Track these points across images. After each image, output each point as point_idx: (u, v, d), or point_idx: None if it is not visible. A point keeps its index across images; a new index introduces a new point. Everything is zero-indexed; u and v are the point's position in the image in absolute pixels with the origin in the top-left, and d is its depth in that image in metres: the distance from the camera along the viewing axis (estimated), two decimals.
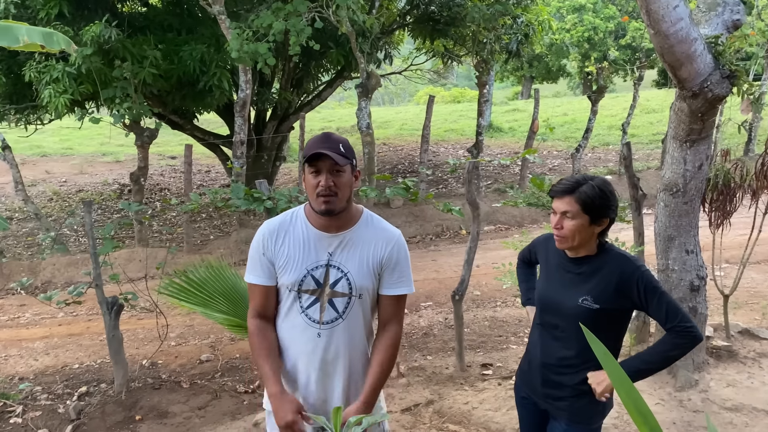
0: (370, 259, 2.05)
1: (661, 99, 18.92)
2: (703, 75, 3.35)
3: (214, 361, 5.00)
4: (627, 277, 2.06)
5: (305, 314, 2.05)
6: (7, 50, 8.25)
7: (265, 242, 2.06)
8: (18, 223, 10.76)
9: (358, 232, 2.06)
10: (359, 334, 2.10)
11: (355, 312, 2.06)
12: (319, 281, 2.02)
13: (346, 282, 2.03)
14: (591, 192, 2.06)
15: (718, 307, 5.11)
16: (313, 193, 1.95)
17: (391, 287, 2.08)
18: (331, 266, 2.03)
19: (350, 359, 2.08)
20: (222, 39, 8.51)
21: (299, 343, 2.07)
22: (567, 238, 2.12)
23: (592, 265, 2.15)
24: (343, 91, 19.43)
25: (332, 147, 1.92)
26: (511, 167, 13.20)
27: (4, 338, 5.92)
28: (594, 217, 2.08)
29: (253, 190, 4.11)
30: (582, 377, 2.15)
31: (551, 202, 2.16)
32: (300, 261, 2.03)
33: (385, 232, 2.10)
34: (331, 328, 2.04)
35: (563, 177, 2.21)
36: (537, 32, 11.48)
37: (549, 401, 2.26)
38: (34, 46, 3.55)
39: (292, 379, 2.10)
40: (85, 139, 17.85)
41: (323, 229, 2.04)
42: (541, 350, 2.27)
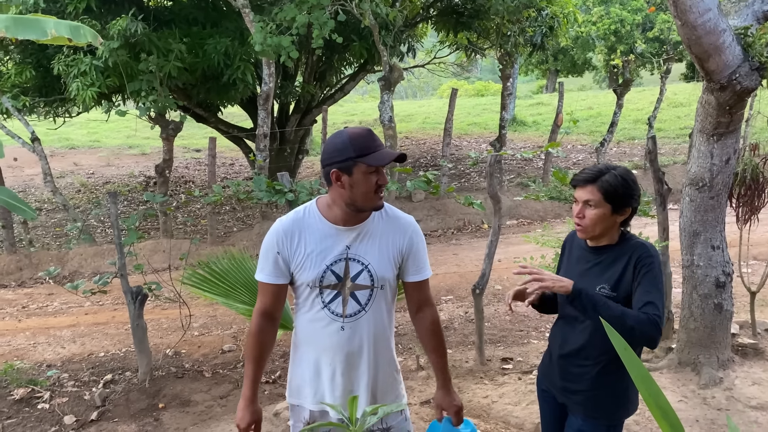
0: (390, 249, 2.06)
1: (688, 93, 18.56)
2: (732, 67, 3.28)
3: (236, 351, 5.06)
4: (637, 261, 2.06)
5: (328, 309, 2.05)
6: (36, 44, 8.41)
7: (280, 241, 2.05)
8: (46, 213, 10.99)
9: (374, 223, 2.06)
10: (382, 324, 2.11)
11: (378, 303, 2.07)
12: (339, 275, 2.02)
13: (368, 274, 2.03)
14: (614, 181, 2.05)
15: (744, 305, 5.02)
16: (371, 191, 1.95)
17: (416, 274, 2.10)
18: (350, 259, 2.03)
19: (374, 350, 2.09)
20: (246, 32, 8.57)
21: (322, 337, 2.08)
22: (588, 228, 2.11)
23: (612, 254, 2.13)
24: (366, 84, 19.42)
25: (382, 143, 1.97)
26: (533, 161, 13.09)
27: (33, 326, 6.06)
28: (616, 206, 2.07)
29: (275, 183, 4.14)
30: (599, 369, 2.14)
31: (574, 192, 2.15)
32: (318, 257, 2.02)
33: (400, 220, 2.11)
34: (355, 320, 2.05)
35: (586, 167, 2.19)
36: (562, 25, 11.34)
37: (566, 395, 2.25)
38: (61, 40, 3.62)
39: (317, 372, 2.11)
40: (111, 132, 18.13)
41: (340, 223, 2.03)
42: (560, 342, 2.26)
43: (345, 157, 1.92)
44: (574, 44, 20.28)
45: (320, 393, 2.11)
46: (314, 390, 2.12)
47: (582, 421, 2.20)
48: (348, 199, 1.97)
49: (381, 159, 1.92)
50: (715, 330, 3.89)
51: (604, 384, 2.14)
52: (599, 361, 2.14)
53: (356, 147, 1.91)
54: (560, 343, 2.26)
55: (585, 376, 2.17)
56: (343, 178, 1.93)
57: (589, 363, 2.16)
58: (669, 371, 3.97)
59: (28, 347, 5.40)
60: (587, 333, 2.14)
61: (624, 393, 2.16)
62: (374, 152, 1.92)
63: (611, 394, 2.14)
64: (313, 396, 2.12)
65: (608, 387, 2.15)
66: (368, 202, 1.98)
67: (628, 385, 2.16)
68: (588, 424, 2.18)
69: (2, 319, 6.45)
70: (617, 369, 2.11)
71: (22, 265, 8.28)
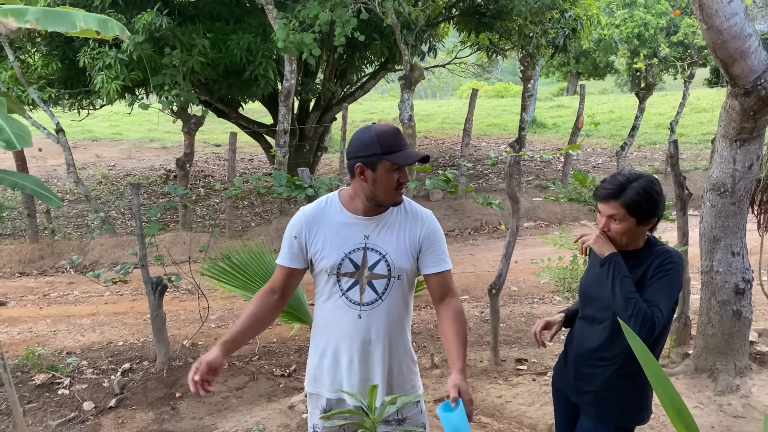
0: (408, 240, 2.11)
1: (712, 98, 18.33)
2: (757, 72, 3.25)
3: (252, 344, 5.11)
4: (658, 265, 2.06)
5: (345, 296, 2.10)
6: (63, 36, 8.55)
7: (301, 228, 2.12)
8: (68, 204, 11.15)
9: (393, 215, 2.12)
10: (399, 314, 2.14)
11: (395, 293, 2.11)
12: (357, 264, 2.08)
13: (385, 264, 2.08)
14: (636, 197, 2.05)
15: (764, 313, 4.97)
16: (392, 187, 2.03)
17: (435, 265, 2.13)
18: (368, 249, 2.08)
19: (390, 339, 2.13)
20: (269, 29, 8.63)
21: (340, 324, 2.13)
22: (615, 241, 2.13)
23: (635, 259, 2.13)
24: (386, 83, 19.45)
25: (407, 143, 2.03)
26: (553, 163, 13.03)
27: (54, 314, 6.17)
28: (641, 219, 2.08)
29: (295, 178, 4.18)
30: (613, 370, 2.14)
31: (596, 202, 2.16)
32: (337, 245, 2.08)
33: (419, 213, 2.16)
34: (371, 309, 2.09)
35: (606, 176, 2.18)
36: (585, 27, 11.27)
37: (579, 394, 2.25)
38: (89, 32, 3.68)
39: (334, 360, 2.15)
40: (133, 125, 18.35)
41: (360, 214, 2.10)
42: (577, 341, 2.27)
43: (370, 153, 1.99)
44: (597, 47, 20.15)
45: (338, 381, 2.15)
46: (332, 378, 2.16)
47: (592, 422, 2.20)
48: (370, 193, 2.04)
49: (406, 158, 1.99)
50: (733, 337, 3.85)
51: (617, 387, 2.14)
52: (614, 362, 2.13)
53: (382, 144, 1.98)
54: (577, 342, 2.26)
55: (598, 377, 2.17)
56: (366, 172, 2.01)
57: (604, 364, 2.15)
58: (685, 377, 3.94)
59: (48, 334, 5.50)
60: (605, 333, 2.14)
61: (637, 399, 2.15)
62: (399, 151, 1.99)
63: (623, 398, 2.14)
64: (331, 384, 2.16)
65: (620, 390, 2.14)
66: (388, 197, 2.05)
67: (642, 392, 2.15)
68: (597, 426, 2.18)
69: (24, 306, 6.57)
70: (631, 373, 2.11)
71: (44, 254, 8.42)
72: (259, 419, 3.73)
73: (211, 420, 3.84)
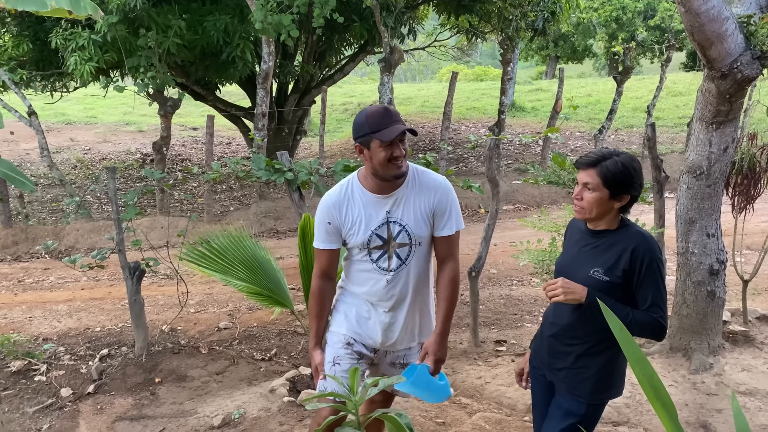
0: (423, 209, 2.34)
1: (688, 82, 18.53)
2: (734, 55, 3.29)
3: (232, 329, 5.09)
4: (637, 255, 2.08)
5: (375, 264, 2.37)
6: (34, 16, 8.34)
7: (331, 213, 2.37)
8: (43, 188, 10.95)
9: (409, 188, 2.34)
10: (421, 274, 2.41)
11: (417, 257, 2.38)
12: (383, 237, 2.34)
13: (406, 234, 2.33)
14: (614, 167, 2.08)
15: (737, 293, 5.07)
16: (385, 161, 2.22)
17: (443, 229, 2.37)
18: (390, 222, 2.33)
19: (414, 295, 2.41)
20: (246, 10, 8.50)
21: (371, 285, 2.41)
22: (585, 209, 2.15)
23: (610, 239, 2.16)
24: (366, 66, 19.32)
25: (399, 119, 2.23)
26: (532, 147, 13.09)
27: (29, 300, 6.07)
28: (614, 192, 2.10)
29: (274, 162, 4.14)
30: (585, 349, 2.18)
31: (576, 174, 2.20)
32: (364, 224, 2.33)
33: (431, 182, 2.38)
34: (398, 273, 2.37)
35: (591, 150, 2.23)
36: (564, 10, 11.28)
37: (553, 371, 2.30)
38: (61, 12, 3.58)
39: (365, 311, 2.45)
40: (108, 108, 18.02)
41: (379, 192, 2.33)
42: (550, 321, 2.32)
43: (363, 133, 2.23)
44: (576, 30, 20.20)
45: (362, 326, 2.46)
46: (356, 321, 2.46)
47: (564, 399, 2.25)
48: (372, 169, 2.28)
49: (389, 134, 2.18)
50: (707, 317, 3.93)
51: (588, 364, 2.19)
52: (586, 340, 2.18)
53: (371, 123, 2.21)
54: (551, 321, 2.31)
55: (571, 354, 2.22)
56: (364, 151, 2.26)
57: (576, 342, 2.20)
58: (660, 356, 4.02)
59: (24, 321, 5.42)
60: (577, 313, 2.17)
61: (608, 375, 2.20)
62: (385, 128, 2.19)
63: (595, 374, 2.18)
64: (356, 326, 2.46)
65: (592, 367, 2.18)
66: (387, 171, 2.25)
67: (613, 369, 2.20)
68: (569, 401, 2.23)
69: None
70: (603, 350, 2.17)
71: (18, 240, 8.27)
72: (239, 403, 3.72)
73: (191, 405, 3.82)
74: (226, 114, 11.44)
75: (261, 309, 5.42)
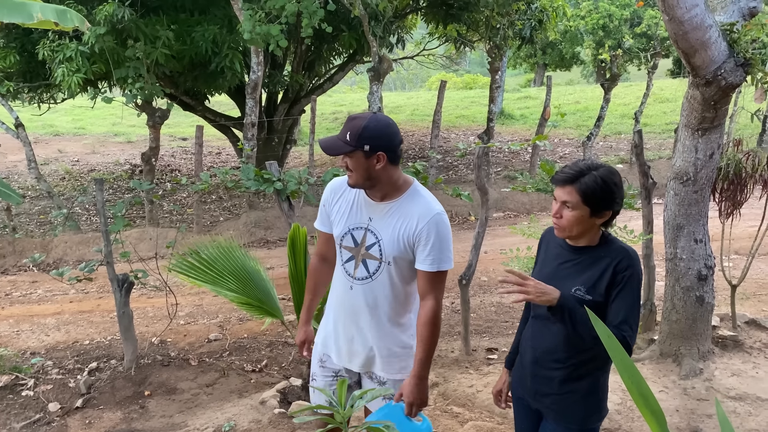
0: (402, 231, 2.19)
1: (674, 88, 18.70)
2: (717, 62, 3.32)
3: (222, 340, 5.06)
4: (619, 270, 2.00)
5: (343, 267, 2.32)
6: (20, 28, 8.30)
7: (327, 197, 2.38)
8: (30, 200, 10.86)
9: (401, 204, 2.22)
10: (386, 297, 2.25)
11: (384, 276, 2.23)
12: (357, 241, 2.27)
13: (378, 248, 2.22)
14: (593, 184, 1.97)
15: (725, 298, 5.10)
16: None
17: (422, 263, 2.18)
18: (368, 230, 2.25)
19: (376, 318, 2.27)
20: (234, 20, 8.50)
21: (338, 291, 2.37)
22: (566, 228, 2.05)
23: (592, 255, 2.07)
24: (355, 75, 19.37)
25: (342, 135, 2.12)
26: (521, 154, 13.14)
27: (17, 313, 6.01)
28: (595, 209, 2.00)
29: (263, 172, 4.13)
30: (569, 372, 2.09)
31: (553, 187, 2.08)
32: (346, 219, 2.29)
33: (423, 208, 2.20)
34: (362, 284, 2.26)
35: (568, 163, 2.12)
36: (551, 18, 11.38)
37: (538, 398, 2.19)
38: (47, 23, 3.57)
39: (330, 321, 2.42)
40: (97, 119, 17.93)
41: (371, 196, 2.26)
42: (531, 344, 2.20)
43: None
44: (563, 38, 20.36)
45: (329, 340, 2.41)
46: (325, 335, 2.43)
47: (554, 425, 2.16)
48: None
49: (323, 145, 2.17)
50: (696, 322, 3.95)
51: (575, 388, 2.10)
52: (568, 364, 2.09)
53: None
54: (532, 345, 2.20)
55: (555, 379, 2.12)
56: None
57: (560, 366, 2.11)
58: (651, 362, 4.03)
59: (11, 335, 5.36)
60: (561, 335, 2.07)
61: (594, 397, 2.13)
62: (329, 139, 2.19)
63: (582, 398, 2.10)
64: (324, 339, 2.44)
65: (578, 391, 2.10)
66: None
67: (598, 390, 2.13)
68: (561, 428, 2.14)
69: None
70: (587, 373, 2.09)
71: (5, 252, 8.19)
72: (230, 415, 3.69)
73: (181, 417, 3.79)
74: (215, 124, 11.41)
75: (251, 320, 5.40)
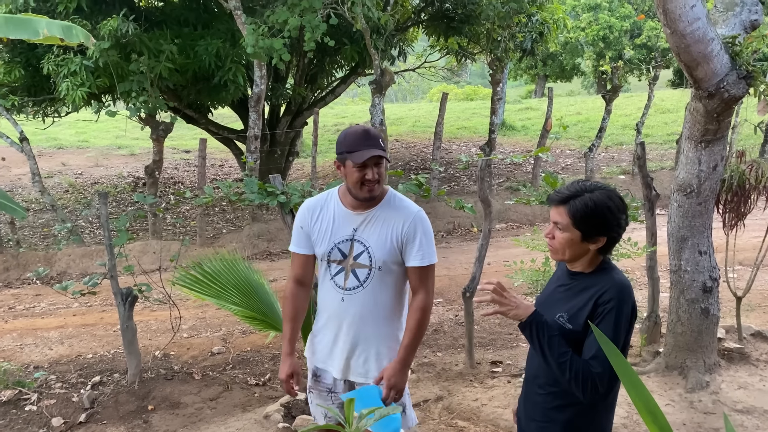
0: (391, 234, 2.31)
1: (676, 99, 18.74)
2: (720, 75, 3.33)
3: (226, 353, 5.05)
4: (602, 302, 1.86)
5: (333, 281, 2.37)
6: (26, 43, 8.36)
7: (304, 218, 2.40)
8: (34, 214, 10.89)
9: (381, 210, 2.34)
10: (380, 302, 2.35)
11: (376, 282, 2.32)
12: (344, 253, 2.33)
13: (367, 255, 2.31)
14: (583, 207, 1.87)
15: (730, 309, 5.07)
16: (358, 183, 2.24)
17: (413, 259, 2.32)
18: (354, 240, 2.32)
19: (369, 323, 2.35)
20: (237, 34, 8.56)
21: (330, 304, 2.40)
22: (557, 250, 1.97)
23: (582, 283, 1.96)
24: (357, 87, 19.44)
25: (376, 144, 2.22)
26: (523, 166, 13.16)
27: (20, 327, 6.01)
28: (586, 234, 1.89)
29: (266, 185, 4.14)
30: (549, 400, 1.98)
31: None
32: (330, 235, 2.34)
33: (405, 210, 2.35)
34: (353, 294, 2.33)
35: (572, 179, 2.05)
36: (552, 30, 11.42)
37: (527, 421, 2.10)
38: (53, 39, 3.60)
39: (325, 334, 2.44)
40: (100, 132, 18.01)
41: (352, 209, 2.34)
42: (527, 366, 2.15)
43: (341, 151, 2.27)
44: (564, 50, 20.43)
45: (324, 353, 2.44)
46: (320, 349, 2.46)
47: None
48: (346, 186, 2.33)
49: (359, 157, 2.20)
50: (701, 334, 3.93)
51: (554, 418, 1.97)
52: (550, 391, 1.98)
53: (348, 143, 2.24)
54: (526, 366, 2.15)
55: (539, 405, 2.03)
56: (341, 168, 2.29)
57: (542, 392, 2.01)
58: (656, 375, 4.01)
59: (14, 349, 5.35)
60: (539, 359, 1.95)
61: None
62: (358, 151, 2.21)
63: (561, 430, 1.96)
64: (320, 354, 2.46)
65: (557, 422, 1.96)
66: (357, 192, 2.28)
67: (581, 426, 1.96)
68: None
69: None
70: (568, 405, 1.94)
71: (9, 266, 8.21)
72: (233, 430, 3.68)
73: None
74: (218, 137, 11.46)
75: (255, 333, 5.38)
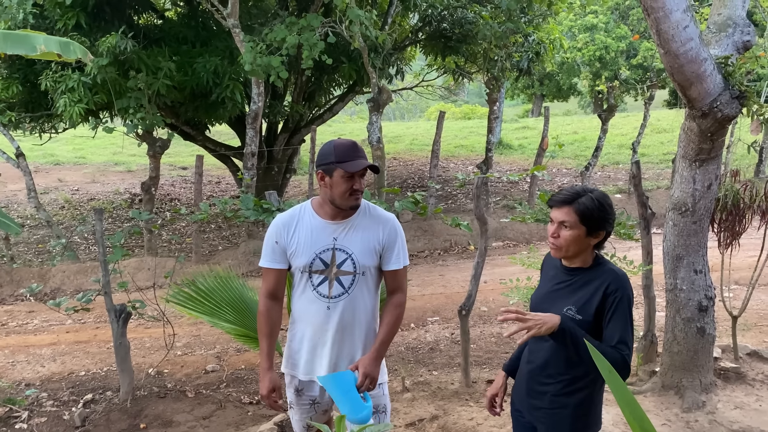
0: (371, 240, 2.42)
1: (671, 119, 18.86)
2: (713, 95, 3.35)
3: (220, 371, 5.01)
4: (609, 292, 2.08)
5: (316, 291, 2.41)
6: (24, 59, 8.39)
7: (279, 232, 2.42)
8: (29, 230, 10.85)
9: (360, 219, 2.43)
10: (364, 306, 2.45)
11: (359, 287, 2.42)
12: (326, 262, 2.39)
13: (351, 262, 2.39)
14: (590, 204, 2.09)
15: (726, 329, 5.07)
16: (345, 193, 2.32)
17: (391, 264, 2.46)
18: (336, 249, 2.39)
19: (356, 327, 2.44)
20: (235, 52, 8.61)
21: (311, 315, 2.44)
22: (562, 248, 2.14)
23: (584, 277, 2.16)
24: (355, 105, 19.54)
25: (364, 155, 2.35)
26: (519, 184, 13.19)
27: (12, 344, 5.96)
28: (591, 229, 2.10)
29: (262, 201, 4.14)
30: (559, 388, 2.17)
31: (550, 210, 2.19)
32: (309, 246, 2.38)
33: (382, 217, 2.47)
34: (339, 301, 2.40)
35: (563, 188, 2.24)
36: (548, 51, 11.52)
37: (531, 412, 2.27)
38: (51, 55, 3.62)
39: (310, 345, 2.47)
40: (97, 149, 18.02)
41: (330, 219, 2.41)
42: (527, 359, 2.30)
43: (328, 161, 2.32)
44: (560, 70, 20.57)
45: (310, 364, 2.47)
46: (305, 361, 2.48)
47: None
48: (330, 196, 2.36)
49: (353, 167, 2.29)
50: (697, 354, 3.92)
51: (564, 403, 2.16)
52: (560, 380, 2.16)
53: (338, 154, 2.31)
54: (528, 360, 2.30)
55: (547, 393, 2.20)
56: (326, 178, 2.34)
57: (551, 381, 2.19)
58: (652, 394, 3.99)
59: (6, 366, 5.31)
60: (553, 350, 2.16)
61: (583, 415, 2.18)
62: (351, 161, 2.30)
63: (569, 415, 2.16)
64: (304, 367, 2.49)
65: (568, 407, 2.16)
66: (344, 201, 2.35)
67: (588, 408, 2.18)
68: None
69: None
70: (577, 390, 2.15)
71: (3, 282, 8.16)
72: None
73: None
74: (215, 153, 11.47)
75: (249, 351, 5.35)
